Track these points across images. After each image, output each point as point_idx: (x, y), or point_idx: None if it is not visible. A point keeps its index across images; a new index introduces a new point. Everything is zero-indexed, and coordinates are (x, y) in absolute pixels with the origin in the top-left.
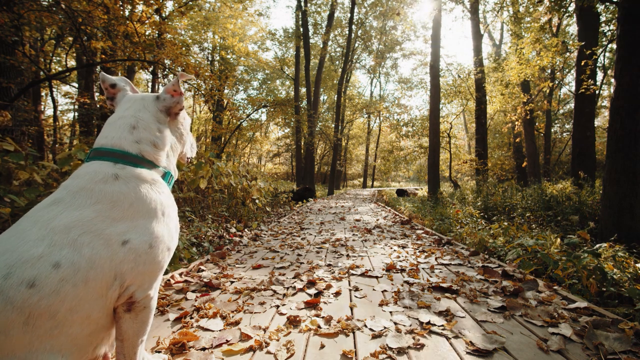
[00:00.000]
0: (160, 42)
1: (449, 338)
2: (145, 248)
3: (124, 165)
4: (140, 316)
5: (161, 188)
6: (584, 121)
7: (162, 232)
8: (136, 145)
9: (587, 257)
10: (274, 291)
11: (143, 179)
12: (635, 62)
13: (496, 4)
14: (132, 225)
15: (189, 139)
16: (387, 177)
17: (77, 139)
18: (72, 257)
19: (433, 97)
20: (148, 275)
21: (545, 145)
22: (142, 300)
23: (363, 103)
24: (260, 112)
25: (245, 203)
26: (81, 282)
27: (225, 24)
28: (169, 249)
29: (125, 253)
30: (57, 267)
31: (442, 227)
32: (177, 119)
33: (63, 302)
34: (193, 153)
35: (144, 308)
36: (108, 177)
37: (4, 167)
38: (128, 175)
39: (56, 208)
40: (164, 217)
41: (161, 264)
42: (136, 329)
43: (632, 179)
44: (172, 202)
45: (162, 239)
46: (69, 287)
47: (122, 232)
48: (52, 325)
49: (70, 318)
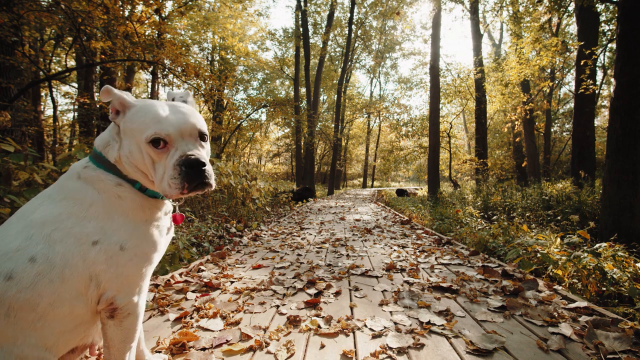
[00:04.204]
0: (159, 42)
1: (449, 338)
2: (116, 250)
3: (92, 165)
4: (125, 323)
5: (122, 191)
6: (583, 121)
7: (133, 237)
8: (105, 147)
9: (587, 256)
10: (274, 291)
11: (102, 181)
12: (635, 62)
13: (496, 3)
14: (100, 225)
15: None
16: (387, 177)
17: (77, 139)
18: (47, 252)
19: (433, 97)
20: (125, 280)
21: (545, 144)
22: (124, 307)
23: (363, 103)
24: (260, 112)
25: (245, 203)
26: (58, 279)
27: (225, 24)
28: (146, 255)
29: (96, 253)
30: (33, 261)
31: (442, 227)
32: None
33: (41, 296)
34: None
35: (128, 315)
36: (74, 174)
37: (4, 167)
38: (88, 175)
39: (38, 200)
40: (133, 222)
41: (138, 270)
42: (121, 336)
43: (632, 179)
44: (143, 208)
45: (134, 243)
46: (45, 281)
47: (91, 232)
48: (34, 318)
49: (52, 312)
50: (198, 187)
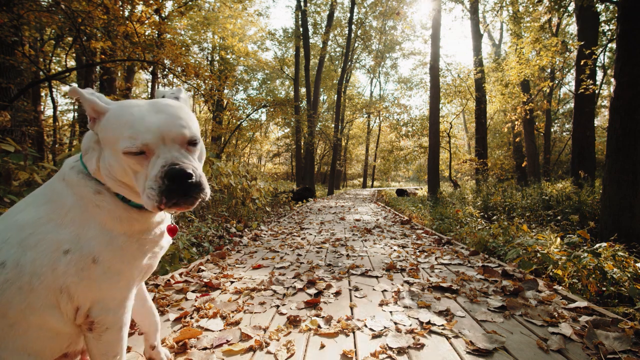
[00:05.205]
0: (159, 42)
1: (449, 338)
2: (88, 262)
3: (79, 166)
4: (105, 337)
5: (101, 202)
6: (583, 121)
7: (107, 250)
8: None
9: (587, 256)
10: (274, 291)
11: (80, 186)
12: (635, 62)
13: (496, 3)
14: (75, 234)
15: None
16: (387, 177)
17: (77, 139)
18: (18, 258)
19: (433, 97)
20: (99, 293)
21: (545, 144)
22: (101, 321)
23: (363, 103)
24: (260, 112)
25: (245, 203)
26: (27, 287)
27: (224, 24)
28: (120, 271)
29: (66, 264)
30: (3, 266)
31: (442, 226)
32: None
33: (10, 303)
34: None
35: (107, 329)
36: (61, 174)
37: (4, 167)
38: (70, 178)
39: (24, 202)
40: (109, 234)
41: (114, 284)
42: (102, 350)
43: (632, 179)
44: (113, 222)
45: (108, 257)
46: (14, 289)
47: (64, 239)
48: (6, 324)
49: (25, 321)
50: (182, 203)
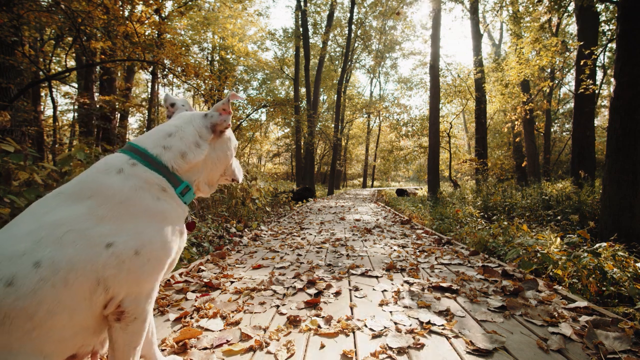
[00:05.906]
0: (159, 42)
1: (449, 338)
2: (130, 254)
3: (136, 161)
4: (131, 327)
5: (164, 196)
6: (583, 121)
7: (153, 241)
8: (161, 149)
9: (587, 256)
10: (274, 291)
11: (145, 180)
12: (635, 62)
13: (496, 3)
14: (120, 227)
15: (235, 161)
16: (387, 177)
17: (77, 139)
18: (54, 256)
19: (433, 97)
20: (136, 284)
21: (545, 144)
22: (131, 311)
23: (363, 103)
24: (260, 112)
25: (245, 203)
26: (60, 283)
27: (224, 24)
28: (160, 261)
29: (107, 257)
30: (38, 266)
31: (442, 226)
32: (222, 137)
33: (41, 304)
34: (240, 175)
35: (135, 319)
36: (112, 168)
37: (4, 167)
38: (132, 172)
39: (54, 200)
40: (158, 226)
41: (150, 275)
42: (126, 340)
43: (632, 179)
44: (174, 215)
45: (151, 248)
46: (47, 287)
47: (107, 233)
48: (31, 327)
49: (50, 320)
50: None
